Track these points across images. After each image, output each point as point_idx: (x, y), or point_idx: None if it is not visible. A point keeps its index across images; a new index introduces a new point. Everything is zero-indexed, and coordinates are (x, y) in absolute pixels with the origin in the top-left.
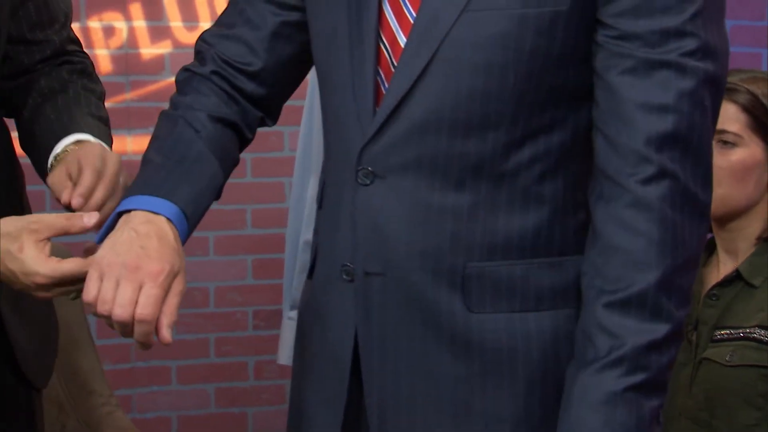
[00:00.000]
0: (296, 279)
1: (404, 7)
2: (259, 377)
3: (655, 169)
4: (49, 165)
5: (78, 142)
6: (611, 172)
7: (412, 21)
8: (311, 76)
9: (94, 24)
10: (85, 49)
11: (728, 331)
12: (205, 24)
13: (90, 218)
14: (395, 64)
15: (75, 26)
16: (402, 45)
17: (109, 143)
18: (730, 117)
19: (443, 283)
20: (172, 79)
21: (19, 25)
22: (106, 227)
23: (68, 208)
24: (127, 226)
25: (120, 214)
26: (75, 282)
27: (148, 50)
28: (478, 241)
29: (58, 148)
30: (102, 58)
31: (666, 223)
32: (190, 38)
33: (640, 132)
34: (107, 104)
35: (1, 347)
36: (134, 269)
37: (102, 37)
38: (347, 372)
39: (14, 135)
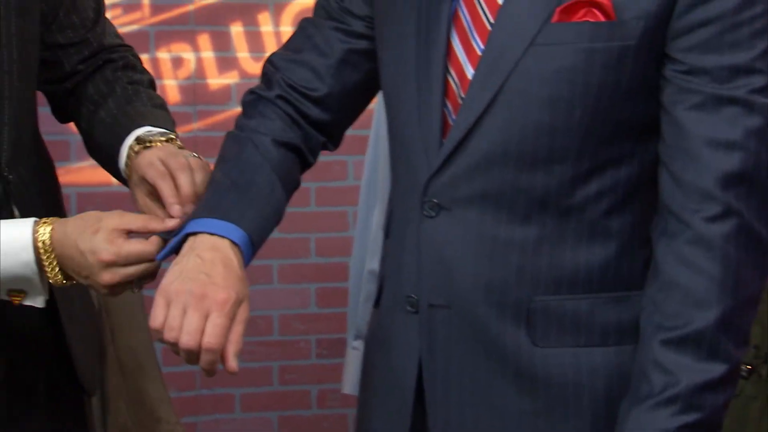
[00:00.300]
0: (361, 308)
1: (472, 40)
2: (322, 406)
3: (721, 207)
4: (122, 171)
5: (138, 140)
6: (675, 208)
7: (479, 53)
8: (377, 105)
9: (163, 55)
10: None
11: None
12: None
13: (170, 222)
14: (463, 96)
15: (144, 57)
16: (469, 77)
17: (171, 126)
18: None
19: (508, 317)
20: (239, 109)
21: (50, 29)
22: (170, 247)
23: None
24: (193, 252)
25: (185, 236)
26: (139, 262)
27: (216, 81)
28: (543, 275)
29: (124, 150)
30: (170, 88)
31: (728, 261)
32: (257, 69)
33: (706, 169)
34: None
35: (59, 354)
36: (201, 297)
37: (171, 68)
38: (410, 401)
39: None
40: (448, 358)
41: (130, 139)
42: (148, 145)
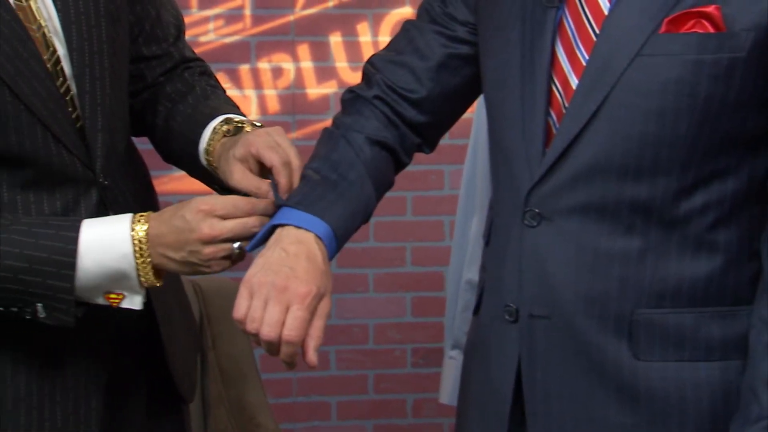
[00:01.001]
0: (458, 318)
1: (577, 50)
2: (418, 415)
3: None
4: (201, 156)
5: (226, 120)
6: None
7: (584, 63)
8: (476, 114)
9: (264, 65)
10: (254, 89)
11: None
12: None
13: (261, 203)
14: (567, 105)
15: (245, 67)
16: (574, 87)
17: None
18: None
19: (609, 329)
20: None
21: (137, 42)
22: (258, 237)
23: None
24: (278, 245)
25: (273, 227)
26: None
27: (315, 90)
28: (646, 288)
29: (207, 132)
30: (270, 98)
31: None
32: (355, 78)
33: None
34: None
35: (158, 362)
36: (282, 290)
37: (270, 78)
38: (508, 411)
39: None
40: (547, 369)
41: (216, 121)
42: (238, 125)
